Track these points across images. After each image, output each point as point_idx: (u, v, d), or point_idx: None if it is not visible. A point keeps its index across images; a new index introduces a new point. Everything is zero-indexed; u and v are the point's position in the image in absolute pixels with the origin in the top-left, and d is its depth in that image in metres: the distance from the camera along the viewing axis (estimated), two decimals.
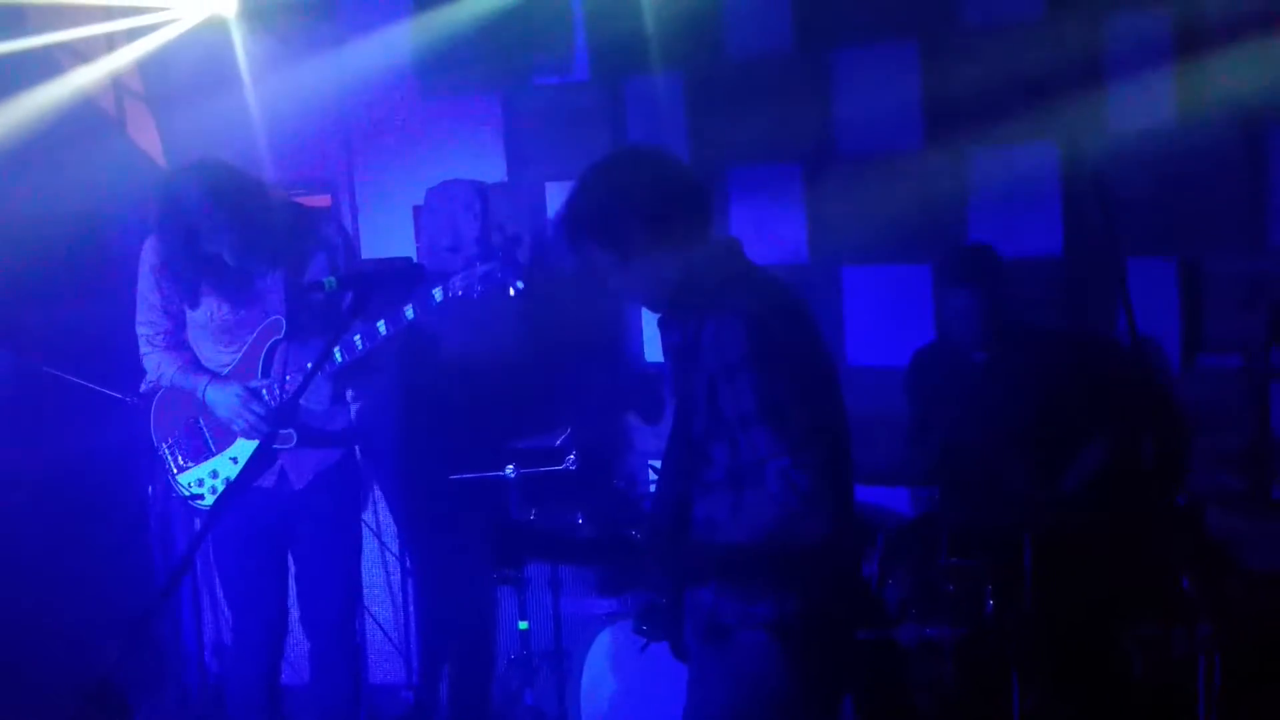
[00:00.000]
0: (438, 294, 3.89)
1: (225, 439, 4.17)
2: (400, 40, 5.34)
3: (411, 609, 5.42)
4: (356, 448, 4.43)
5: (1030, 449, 4.23)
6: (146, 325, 4.20)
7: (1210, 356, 4.42)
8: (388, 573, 5.42)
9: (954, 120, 4.66)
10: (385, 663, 5.49)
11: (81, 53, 5.25)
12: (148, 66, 5.56)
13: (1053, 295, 4.60)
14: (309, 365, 4.00)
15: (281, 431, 4.05)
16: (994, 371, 4.34)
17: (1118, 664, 4.11)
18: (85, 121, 5.22)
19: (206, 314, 4.11)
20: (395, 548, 5.41)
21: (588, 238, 2.89)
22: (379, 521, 5.37)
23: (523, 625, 4.49)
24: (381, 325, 3.94)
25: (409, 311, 3.91)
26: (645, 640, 3.13)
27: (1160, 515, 4.07)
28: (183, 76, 5.49)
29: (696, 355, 2.81)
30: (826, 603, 2.89)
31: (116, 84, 5.59)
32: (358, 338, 3.94)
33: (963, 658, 3.99)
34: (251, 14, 5.31)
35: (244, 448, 4.14)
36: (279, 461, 4.12)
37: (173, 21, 5.31)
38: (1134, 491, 4.18)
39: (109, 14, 5.14)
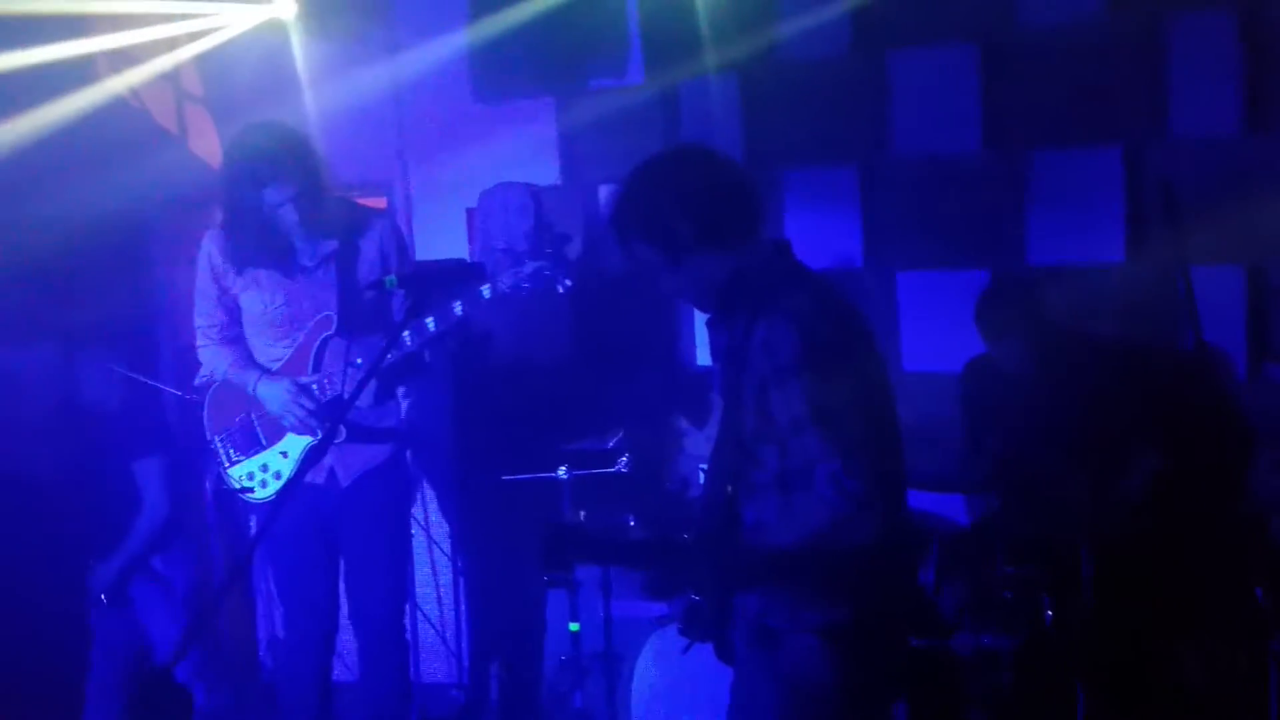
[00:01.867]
0: (486, 291, 3.90)
1: (275, 433, 4.20)
2: (456, 44, 5.35)
3: (463, 609, 5.42)
4: (405, 447, 4.43)
5: (1087, 458, 4.15)
6: (203, 318, 4.25)
7: (1277, 365, 4.31)
8: (439, 572, 5.39)
9: (1013, 123, 4.61)
10: (436, 662, 5.47)
11: (139, 58, 5.26)
12: (207, 71, 5.60)
13: (1113, 302, 4.51)
14: (358, 360, 4.02)
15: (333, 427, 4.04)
16: (1047, 383, 4.27)
17: (1178, 676, 4.03)
18: (140, 123, 5.22)
19: (260, 305, 4.14)
20: (447, 547, 5.39)
21: (638, 237, 2.87)
22: (428, 520, 5.37)
23: (574, 627, 4.49)
24: (430, 322, 3.95)
25: (457, 308, 3.93)
26: (688, 642, 3.09)
27: (1225, 525, 3.97)
28: (241, 80, 5.49)
29: (746, 357, 2.79)
30: (877, 608, 2.85)
31: (176, 89, 5.63)
32: (406, 334, 3.94)
33: (1020, 667, 3.92)
34: (309, 17, 5.34)
35: (293, 442, 4.17)
36: (328, 459, 4.13)
37: (229, 25, 5.32)
38: (1195, 501, 4.08)
39: (168, 18, 5.15)
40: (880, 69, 4.81)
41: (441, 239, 5.56)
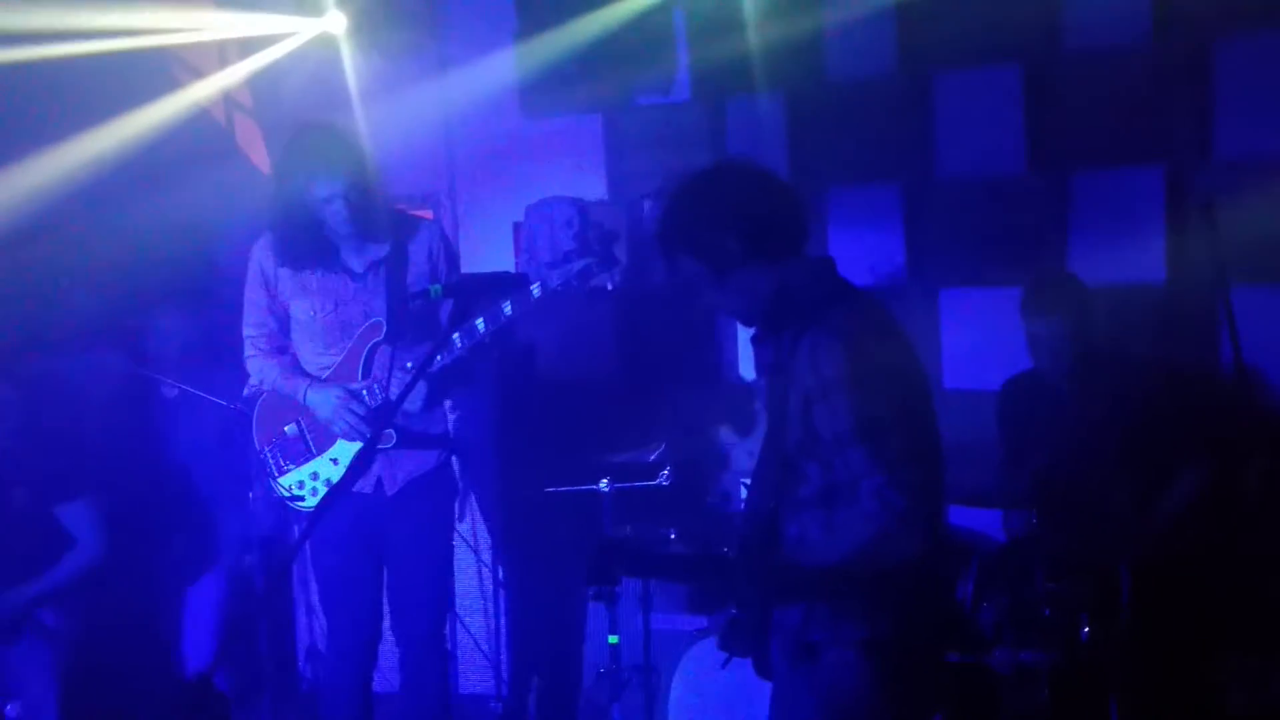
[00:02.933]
0: (535, 290, 3.96)
1: (325, 441, 4.27)
2: (505, 60, 5.46)
3: (503, 620, 5.48)
4: (453, 458, 4.51)
5: (1126, 477, 4.20)
6: (252, 327, 4.34)
7: None
8: (481, 583, 5.48)
9: (1056, 144, 4.67)
10: (475, 673, 5.54)
11: (195, 67, 5.43)
12: (257, 83, 5.73)
13: (1153, 322, 4.58)
14: (409, 364, 4.10)
15: (383, 432, 4.14)
16: (1084, 402, 4.32)
17: (1216, 695, 4.06)
18: (202, 136, 5.39)
19: (309, 312, 4.23)
20: (488, 558, 5.48)
21: (684, 250, 2.92)
22: (476, 532, 5.44)
23: (613, 639, 4.52)
24: (480, 323, 4.01)
25: (507, 308, 3.99)
26: (727, 656, 3.16)
27: (1264, 544, 4.02)
28: (291, 93, 5.64)
29: (791, 372, 2.83)
30: (918, 623, 2.89)
31: (227, 100, 5.78)
32: (456, 335, 4.01)
33: (1058, 684, 3.96)
34: (360, 32, 5.47)
35: (344, 449, 4.25)
36: (376, 466, 4.20)
37: (284, 38, 5.47)
38: (1234, 520, 4.13)
39: (221, 29, 5.33)
40: (925, 90, 4.90)
41: (488, 253, 5.66)
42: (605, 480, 4.59)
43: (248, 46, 5.51)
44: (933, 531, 2.83)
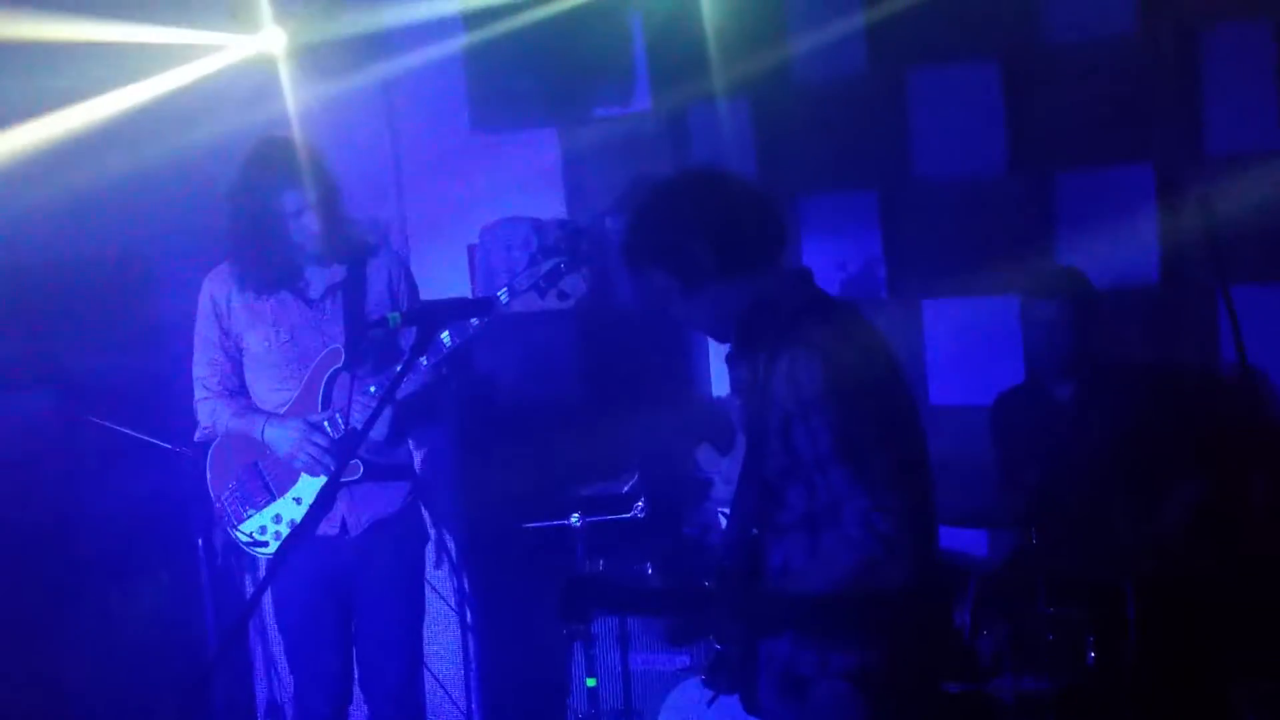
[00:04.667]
0: (503, 295, 3.92)
1: (286, 481, 4.21)
2: (453, 72, 5.43)
3: (473, 665, 5.40)
4: (419, 502, 4.45)
5: (1127, 491, 4.19)
6: (204, 366, 4.27)
7: None
8: (453, 628, 5.40)
9: (1040, 142, 4.67)
10: None
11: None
12: (193, 103, 5.64)
13: (1147, 326, 4.58)
14: (372, 389, 4.06)
15: (347, 463, 4.07)
16: (1083, 411, 4.33)
17: None
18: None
19: (265, 342, 4.18)
20: (454, 601, 5.40)
21: (651, 263, 2.89)
22: (447, 574, 5.35)
23: (590, 682, 4.48)
24: (446, 336, 3.98)
25: (474, 321, 3.96)
26: (714, 694, 3.13)
27: (1276, 557, 4.01)
28: (229, 115, 5.56)
29: (769, 392, 2.79)
30: (911, 652, 2.86)
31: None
32: (423, 358, 3.89)
33: (1063, 713, 3.94)
34: (299, 50, 5.38)
35: (307, 487, 4.18)
36: (340, 505, 4.14)
37: (215, 58, 5.38)
38: (1243, 532, 4.12)
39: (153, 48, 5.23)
40: (900, 88, 4.88)
41: (441, 277, 5.61)
42: (577, 515, 4.53)
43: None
44: (923, 556, 2.80)
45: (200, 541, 4.92)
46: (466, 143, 5.59)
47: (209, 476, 4.32)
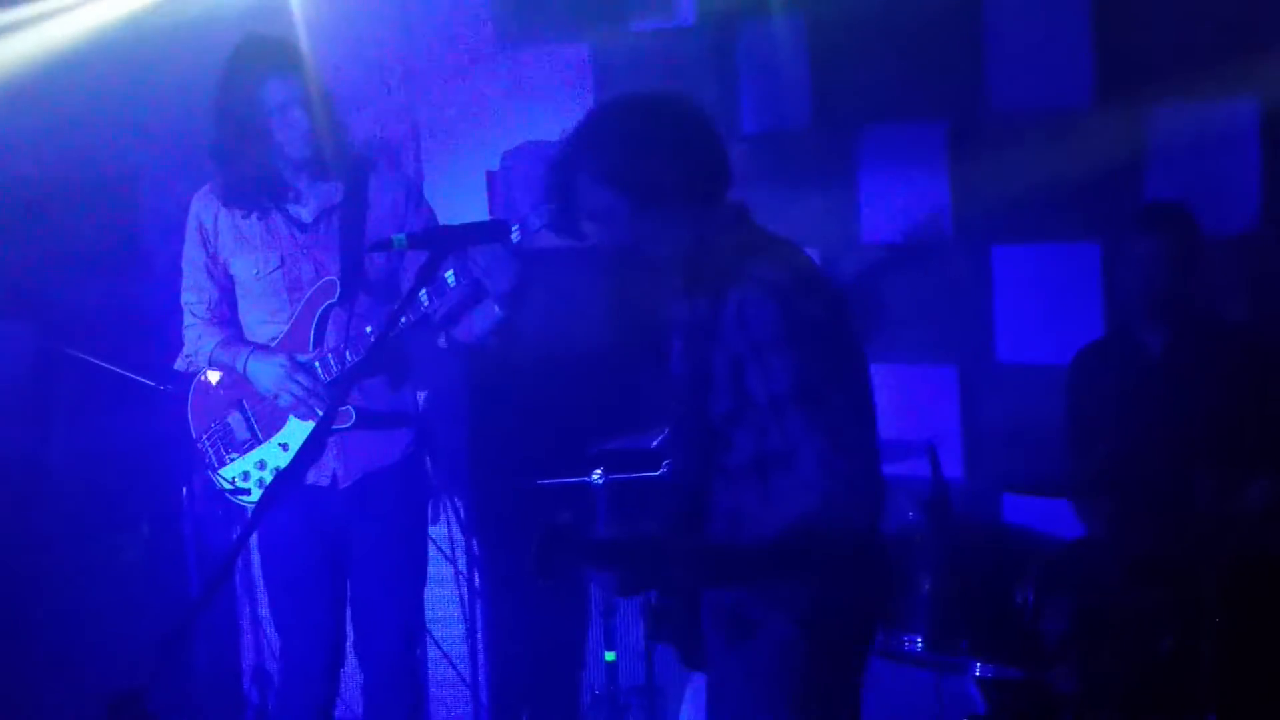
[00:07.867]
0: (515, 233, 3.85)
1: (273, 424, 4.22)
2: None
3: (480, 635, 5.43)
4: (423, 453, 4.44)
5: (1218, 460, 4.13)
6: (192, 292, 4.30)
7: None
8: (457, 593, 5.41)
9: (1131, 71, 4.58)
10: (450, 697, 5.51)
11: None
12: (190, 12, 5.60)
13: (1246, 278, 4.52)
14: (368, 330, 4.05)
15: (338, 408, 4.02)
16: (1175, 364, 4.31)
17: None
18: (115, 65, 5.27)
19: (253, 269, 4.18)
20: (463, 564, 5.41)
21: (603, 178, 3.00)
22: (451, 536, 5.37)
23: (610, 656, 4.53)
24: (450, 276, 3.94)
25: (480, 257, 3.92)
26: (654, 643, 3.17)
27: None
28: (230, 25, 5.51)
29: (715, 332, 2.91)
30: (858, 593, 3.03)
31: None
32: (423, 293, 3.91)
33: (1133, 705, 3.96)
34: None
35: (295, 433, 4.19)
36: (331, 454, 4.14)
37: None
38: None
39: None
40: (976, 8, 4.77)
41: (457, 206, 5.56)
42: (598, 472, 4.54)
43: None
44: (878, 499, 2.94)
45: (185, 490, 4.94)
46: (489, 56, 5.52)
47: (190, 414, 4.34)
